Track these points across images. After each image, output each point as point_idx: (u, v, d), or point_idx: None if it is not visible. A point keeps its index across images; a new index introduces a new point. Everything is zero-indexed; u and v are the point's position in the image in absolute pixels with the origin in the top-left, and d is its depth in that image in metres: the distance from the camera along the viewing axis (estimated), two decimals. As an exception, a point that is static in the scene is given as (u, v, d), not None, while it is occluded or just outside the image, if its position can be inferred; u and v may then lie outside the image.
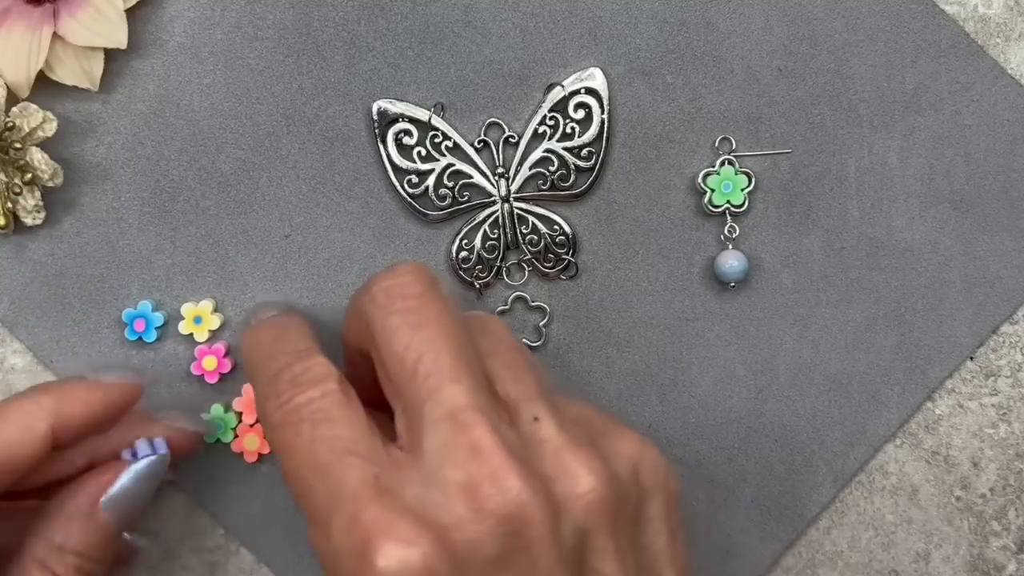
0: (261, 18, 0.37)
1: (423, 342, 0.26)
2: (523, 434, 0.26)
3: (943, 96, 0.37)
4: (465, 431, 0.25)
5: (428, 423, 0.26)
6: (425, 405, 0.26)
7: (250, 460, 0.36)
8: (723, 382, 0.37)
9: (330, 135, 0.37)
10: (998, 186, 0.37)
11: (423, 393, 0.26)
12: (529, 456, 0.26)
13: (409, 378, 0.26)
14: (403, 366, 0.26)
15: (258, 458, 0.36)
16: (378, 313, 0.27)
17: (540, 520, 0.25)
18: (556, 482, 0.26)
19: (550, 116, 0.37)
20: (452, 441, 0.25)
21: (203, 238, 0.37)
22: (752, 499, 0.37)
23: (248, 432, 0.36)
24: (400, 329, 0.27)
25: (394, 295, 0.28)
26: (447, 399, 0.26)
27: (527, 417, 0.27)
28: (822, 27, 0.37)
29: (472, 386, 0.26)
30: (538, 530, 0.25)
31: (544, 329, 0.37)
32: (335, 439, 0.26)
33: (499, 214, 0.37)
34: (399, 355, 0.27)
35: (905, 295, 0.37)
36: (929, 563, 0.38)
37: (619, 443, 0.28)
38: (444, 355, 0.26)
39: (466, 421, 0.25)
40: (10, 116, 0.34)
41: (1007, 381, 0.38)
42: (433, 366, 0.26)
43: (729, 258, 0.36)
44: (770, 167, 0.37)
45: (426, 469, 0.25)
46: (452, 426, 0.25)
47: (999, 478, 0.38)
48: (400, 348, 0.27)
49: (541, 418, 0.27)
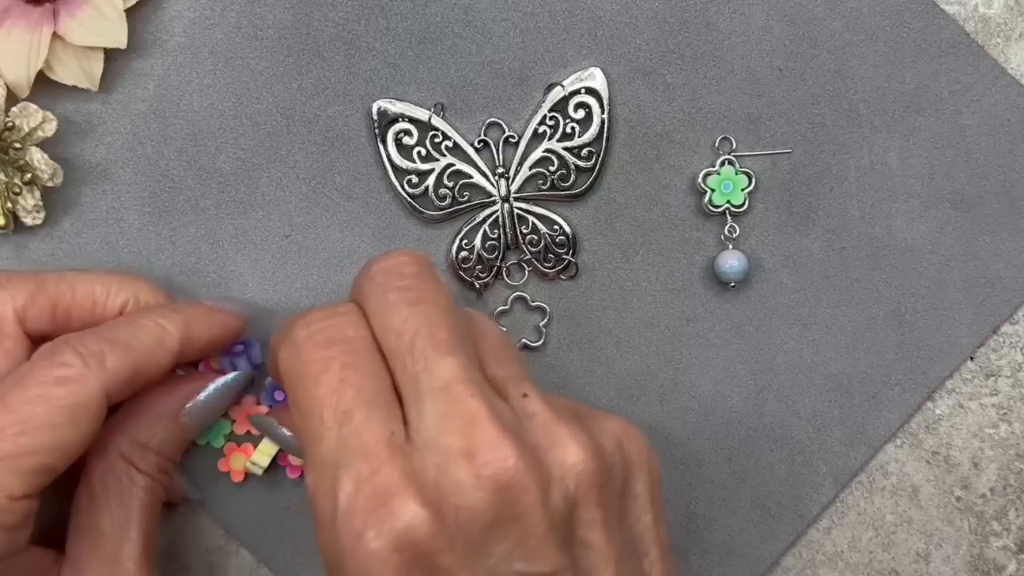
0: (261, 18, 0.37)
1: (419, 316, 0.27)
2: (513, 408, 0.27)
3: (943, 96, 0.37)
4: (461, 401, 0.26)
5: (425, 392, 0.26)
6: (421, 376, 0.26)
7: (236, 480, 0.36)
8: (723, 382, 0.37)
9: (330, 135, 0.37)
10: (998, 186, 0.37)
11: (420, 364, 0.26)
12: (520, 428, 0.26)
13: (406, 350, 0.27)
14: (400, 339, 0.27)
15: (244, 477, 0.36)
16: (376, 291, 0.28)
17: (533, 489, 0.25)
18: (547, 452, 0.26)
19: (550, 116, 0.37)
20: (449, 410, 0.26)
21: (203, 238, 0.37)
22: (752, 499, 0.37)
23: (235, 451, 0.36)
24: (398, 304, 0.27)
25: (392, 273, 0.28)
26: (444, 371, 0.26)
27: (516, 393, 0.28)
28: (822, 27, 0.37)
29: (466, 360, 0.27)
30: (532, 498, 0.25)
31: (544, 329, 0.37)
32: (362, 387, 0.26)
33: (499, 214, 0.37)
34: (396, 328, 0.27)
35: (905, 295, 0.37)
36: (929, 563, 0.38)
37: (604, 421, 0.29)
38: (440, 330, 0.27)
39: (462, 392, 0.26)
40: (10, 116, 0.34)
41: (1007, 381, 0.38)
42: (430, 339, 0.27)
43: (729, 258, 0.36)
44: (770, 167, 0.37)
45: (423, 435, 0.26)
46: (448, 396, 0.26)
47: (999, 478, 0.38)
48: (398, 322, 0.27)
49: (529, 394, 0.28)
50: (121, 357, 0.30)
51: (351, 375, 0.27)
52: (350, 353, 0.27)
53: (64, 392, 0.29)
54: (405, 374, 0.27)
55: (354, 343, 0.27)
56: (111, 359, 0.30)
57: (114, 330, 0.31)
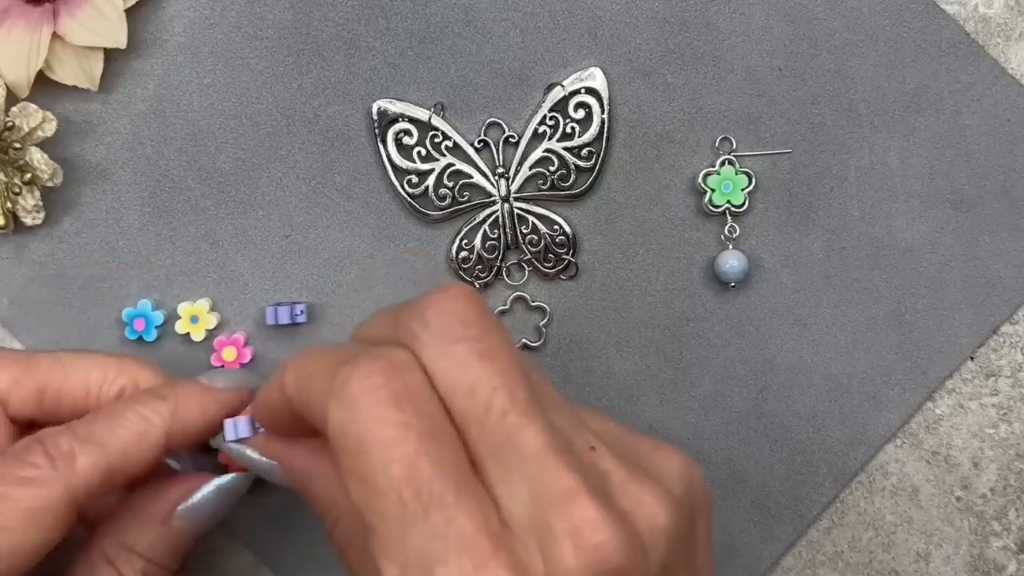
0: (261, 18, 0.37)
1: (494, 373, 0.24)
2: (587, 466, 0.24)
3: (943, 96, 0.37)
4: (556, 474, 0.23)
5: (513, 465, 0.23)
6: (505, 445, 0.23)
7: None
8: (723, 382, 0.37)
9: (330, 135, 0.37)
10: (998, 186, 0.37)
11: (501, 432, 0.23)
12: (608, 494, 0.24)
13: (483, 414, 0.23)
14: (474, 401, 0.24)
15: None
16: (436, 341, 0.24)
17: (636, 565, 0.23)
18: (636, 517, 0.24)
19: (550, 116, 0.37)
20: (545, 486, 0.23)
21: (203, 238, 0.37)
22: (752, 499, 0.37)
23: None
24: (468, 359, 0.24)
25: (453, 320, 0.24)
26: (531, 439, 0.23)
27: (583, 446, 0.25)
28: (822, 27, 0.37)
29: (548, 425, 0.24)
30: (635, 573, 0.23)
31: (544, 329, 0.37)
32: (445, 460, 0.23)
33: (499, 214, 0.37)
34: (467, 388, 0.24)
35: (905, 295, 0.37)
36: (929, 563, 0.38)
37: (665, 463, 0.27)
38: (519, 389, 0.24)
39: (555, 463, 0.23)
40: (10, 116, 0.34)
41: (1007, 381, 0.38)
42: (510, 401, 0.23)
43: (729, 258, 0.36)
44: (770, 167, 0.37)
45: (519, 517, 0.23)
46: (541, 469, 0.23)
47: (999, 478, 0.38)
48: (470, 380, 0.24)
49: (596, 448, 0.25)
50: (94, 456, 0.28)
51: (431, 447, 0.23)
52: (425, 417, 0.23)
53: (26, 495, 0.27)
54: (484, 443, 0.24)
55: (427, 404, 0.23)
56: (83, 459, 0.28)
57: (90, 426, 0.29)
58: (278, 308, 0.36)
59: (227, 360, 0.36)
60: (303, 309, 0.36)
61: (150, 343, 0.36)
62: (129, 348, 0.36)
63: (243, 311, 0.37)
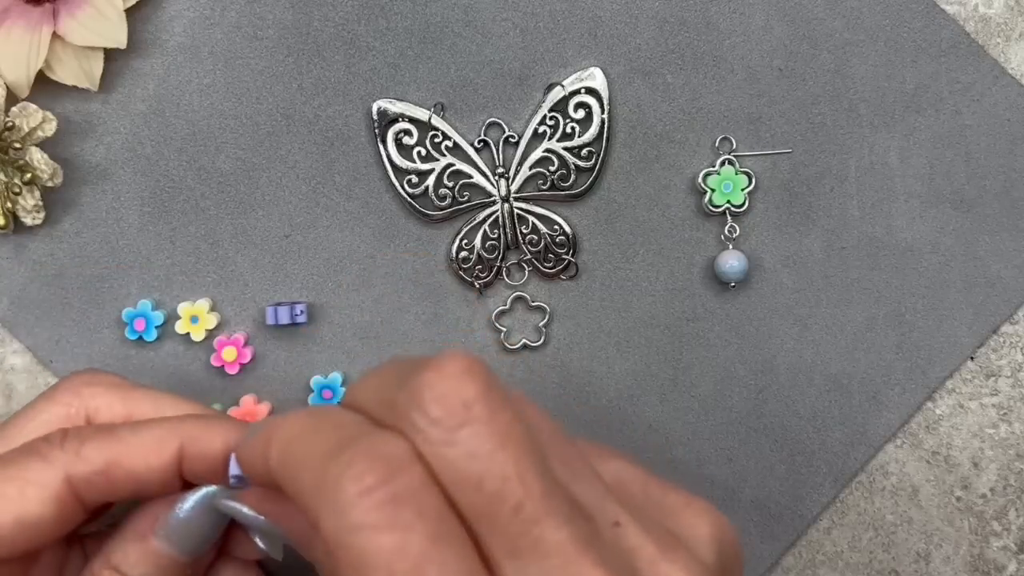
0: (261, 18, 0.37)
1: (503, 461, 0.22)
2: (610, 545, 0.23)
3: (943, 96, 0.37)
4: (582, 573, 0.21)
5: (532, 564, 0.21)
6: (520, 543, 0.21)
7: None
8: (723, 382, 0.37)
9: (330, 135, 0.37)
10: (998, 186, 0.37)
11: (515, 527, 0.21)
12: None
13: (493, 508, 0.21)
14: (481, 494, 0.22)
15: None
16: (433, 429, 0.22)
17: None
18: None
19: (550, 116, 0.37)
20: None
21: (203, 238, 0.37)
22: (752, 499, 0.37)
23: None
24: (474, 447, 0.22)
25: (453, 403, 0.22)
26: (549, 534, 0.21)
27: (606, 523, 0.23)
28: (822, 27, 0.37)
29: (569, 513, 0.22)
30: None
31: (544, 329, 0.37)
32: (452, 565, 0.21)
33: (499, 214, 0.37)
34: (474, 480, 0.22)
35: (905, 295, 0.37)
36: (929, 563, 0.38)
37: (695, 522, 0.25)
38: (533, 477, 0.22)
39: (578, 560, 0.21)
40: (10, 116, 0.34)
41: (1007, 381, 0.38)
42: (524, 493, 0.21)
43: (729, 258, 0.36)
44: (770, 167, 0.37)
45: None
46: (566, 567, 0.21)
47: (999, 478, 0.38)
48: (476, 471, 0.22)
49: (622, 523, 0.23)
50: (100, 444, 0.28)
51: (438, 553, 0.21)
52: (430, 519, 0.21)
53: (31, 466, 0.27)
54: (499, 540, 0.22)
55: (430, 503, 0.21)
56: (89, 446, 0.28)
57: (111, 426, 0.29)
58: (278, 308, 0.36)
59: (227, 360, 0.36)
60: (303, 309, 0.36)
61: (150, 343, 0.36)
62: (129, 348, 0.36)
63: (243, 311, 0.37)
